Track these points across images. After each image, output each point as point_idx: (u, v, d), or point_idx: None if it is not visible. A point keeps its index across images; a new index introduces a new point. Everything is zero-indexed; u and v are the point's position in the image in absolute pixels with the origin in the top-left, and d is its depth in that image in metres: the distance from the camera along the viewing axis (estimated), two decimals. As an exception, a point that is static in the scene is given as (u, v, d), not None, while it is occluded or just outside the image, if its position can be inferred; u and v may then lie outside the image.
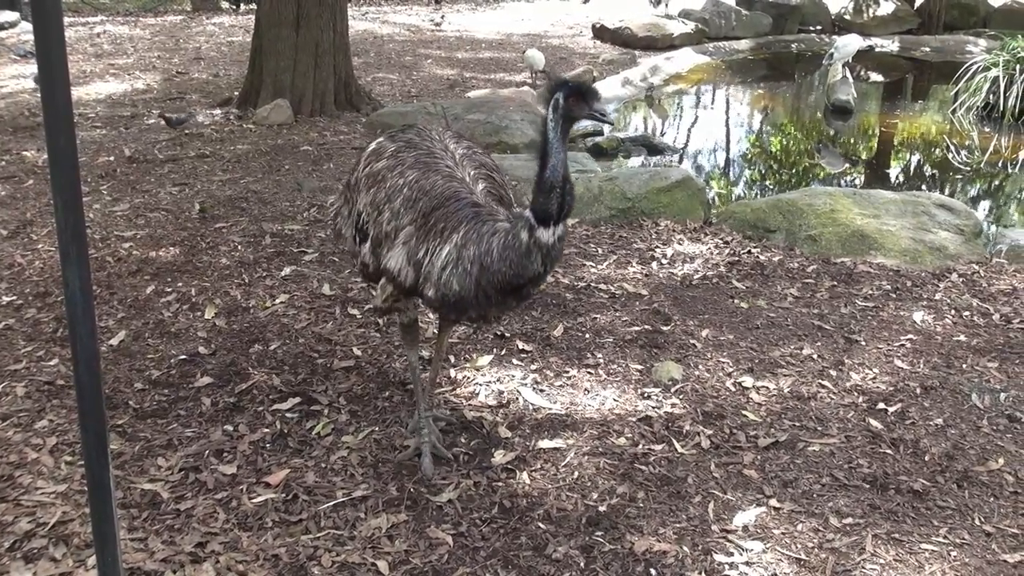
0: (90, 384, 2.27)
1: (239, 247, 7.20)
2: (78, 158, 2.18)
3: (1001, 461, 4.69)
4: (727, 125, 14.75)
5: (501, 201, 4.22)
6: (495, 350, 5.67)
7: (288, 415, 4.95)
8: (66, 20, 16.84)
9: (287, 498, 4.28)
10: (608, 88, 15.25)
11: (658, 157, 11.83)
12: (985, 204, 11.07)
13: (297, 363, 5.47)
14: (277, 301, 6.25)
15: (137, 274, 6.66)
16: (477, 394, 5.24)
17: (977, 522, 4.23)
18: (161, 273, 6.68)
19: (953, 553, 4.02)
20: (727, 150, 13.50)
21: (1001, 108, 13.42)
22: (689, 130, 14.39)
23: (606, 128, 12.65)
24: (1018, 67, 13.40)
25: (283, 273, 6.71)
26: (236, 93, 12.63)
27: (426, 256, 3.99)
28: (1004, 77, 13.45)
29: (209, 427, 4.83)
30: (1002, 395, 5.31)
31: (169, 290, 6.39)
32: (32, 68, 13.74)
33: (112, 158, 9.72)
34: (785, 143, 14.04)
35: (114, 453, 4.53)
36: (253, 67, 12.13)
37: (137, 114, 11.92)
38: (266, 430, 4.80)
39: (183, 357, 5.51)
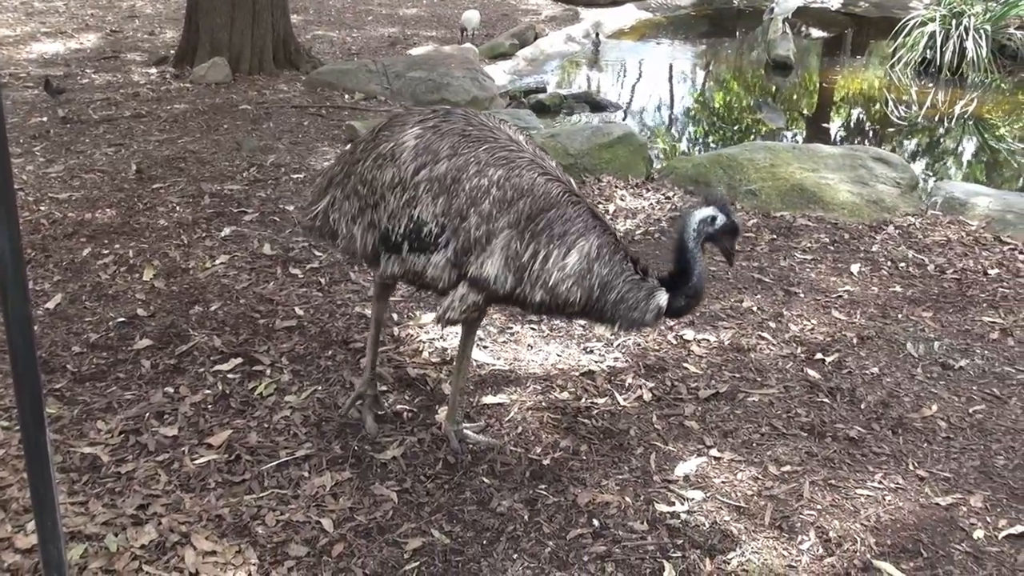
0: (23, 348, 2.23)
1: (177, 208, 7.10)
2: (5, 117, 2.12)
3: (935, 407, 4.80)
4: (670, 81, 14.77)
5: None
6: (438, 308, 5.65)
7: (230, 376, 4.91)
8: (-6, -23, 16.40)
9: (230, 459, 4.26)
10: (551, 44, 15.20)
11: (601, 114, 11.83)
12: (922, 158, 11.24)
13: (238, 324, 5.42)
14: (217, 262, 6.18)
15: (73, 236, 6.54)
16: (420, 351, 5.24)
17: (911, 467, 4.34)
18: (97, 235, 6.56)
19: (888, 497, 4.12)
20: (670, 106, 13.53)
21: (938, 63, 13.60)
22: (632, 87, 14.39)
23: (550, 87, 12.66)
24: (954, 22, 13.57)
25: (223, 233, 6.63)
26: (172, 52, 12.39)
27: (534, 260, 3.80)
28: (941, 32, 13.61)
29: (149, 389, 4.78)
30: (936, 343, 5.43)
31: (106, 252, 6.29)
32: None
33: (45, 119, 9.51)
34: (727, 99, 14.11)
35: (52, 417, 4.47)
36: (189, 25, 11.90)
37: (70, 73, 11.65)
38: (207, 391, 4.77)
39: (121, 319, 5.44)
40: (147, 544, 3.72)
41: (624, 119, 12.18)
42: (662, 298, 3.95)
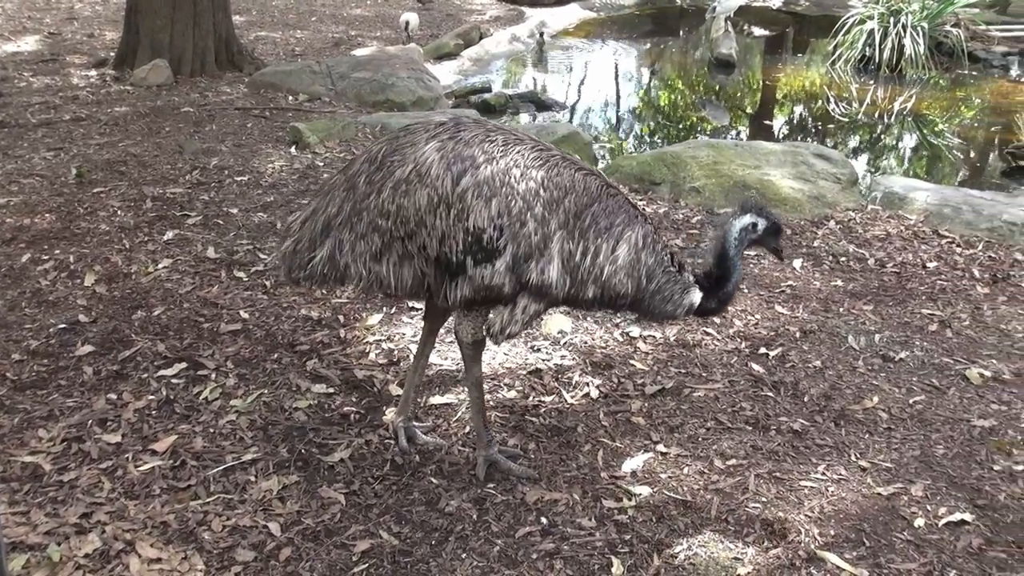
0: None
1: (119, 212, 7.00)
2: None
3: (876, 399, 4.88)
4: (615, 80, 14.85)
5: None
6: (385, 309, 5.65)
7: (174, 381, 4.86)
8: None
9: (175, 464, 4.22)
10: (496, 44, 15.23)
11: (547, 113, 11.87)
12: (862, 153, 11.41)
13: (182, 328, 5.37)
14: (160, 266, 6.11)
15: (11, 242, 6.43)
16: (367, 353, 5.22)
17: (853, 458, 4.41)
18: (37, 241, 6.46)
19: (831, 488, 4.18)
20: (615, 105, 13.61)
21: (877, 60, 13.82)
22: (578, 86, 14.45)
23: (495, 87, 12.67)
24: (892, 20, 13.78)
25: (165, 237, 6.56)
26: (112, 54, 12.23)
27: (585, 257, 3.77)
28: (879, 30, 13.83)
29: (92, 396, 4.71)
30: (876, 336, 5.52)
31: (46, 258, 6.19)
32: None
33: (-19, 123, 9.34)
34: (671, 97, 14.23)
35: (-8, 426, 4.40)
36: (129, 26, 11.75)
37: (7, 77, 11.44)
38: (151, 397, 4.71)
39: (63, 326, 5.36)
40: (91, 553, 3.67)
41: (570, 118, 12.24)
42: (695, 296, 4.03)
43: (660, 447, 4.45)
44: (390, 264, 3.77)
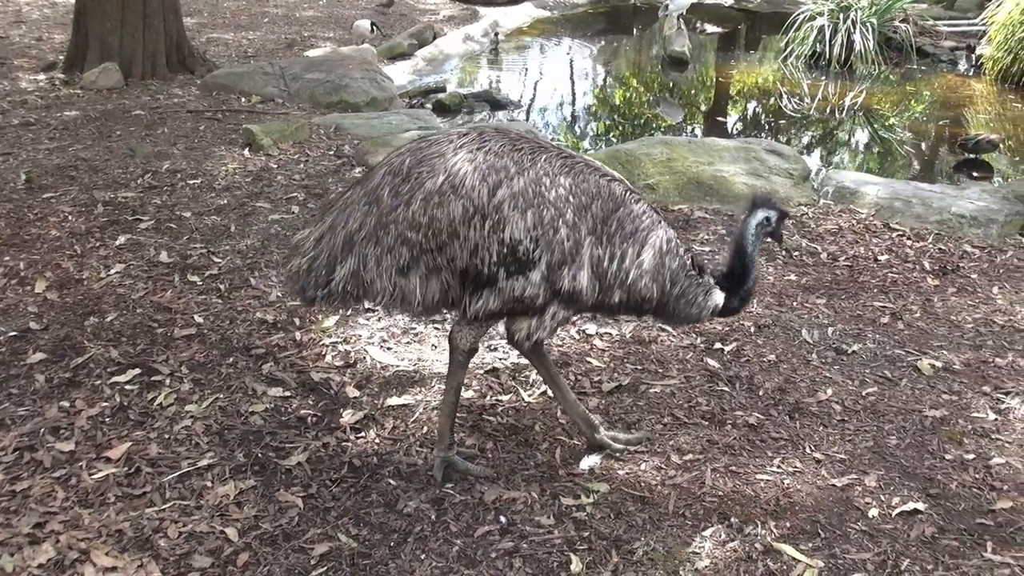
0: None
1: (70, 217, 6.92)
2: None
3: (829, 392, 4.93)
4: (570, 78, 14.88)
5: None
6: (341, 310, 5.62)
7: (128, 387, 4.81)
8: None
9: (129, 472, 4.18)
10: (449, 44, 15.21)
11: (502, 112, 11.88)
12: (814, 148, 11.53)
13: (136, 334, 5.31)
14: (112, 271, 6.04)
15: (-41, 250, 6.34)
16: (324, 355, 5.20)
17: (808, 450, 4.46)
18: (-14, 248, 6.37)
19: (786, 481, 4.23)
20: (571, 103, 13.64)
21: (828, 56, 13.97)
22: (533, 85, 14.47)
23: (450, 87, 12.67)
24: (842, 16, 13.94)
25: (118, 242, 6.48)
26: (61, 57, 12.06)
27: (612, 262, 3.79)
28: (829, 26, 13.99)
29: (44, 404, 4.65)
30: (829, 329, 5.59)
31: (-5, 265, 6.11)
32: None
33: (-73, 129, 9.18)
34: (625, 95, 14.29)
35: (-59, 437, 4.33)
36: (78, 29, 11.59)
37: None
38: (105, 404, 4.66)
39: (13, 333, 5.28)
40: (45, 563, 3.63)
41: (526, 117, 12.26)
42: (719, 298, 4.08)
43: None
44: (417, 277, 3.74)
